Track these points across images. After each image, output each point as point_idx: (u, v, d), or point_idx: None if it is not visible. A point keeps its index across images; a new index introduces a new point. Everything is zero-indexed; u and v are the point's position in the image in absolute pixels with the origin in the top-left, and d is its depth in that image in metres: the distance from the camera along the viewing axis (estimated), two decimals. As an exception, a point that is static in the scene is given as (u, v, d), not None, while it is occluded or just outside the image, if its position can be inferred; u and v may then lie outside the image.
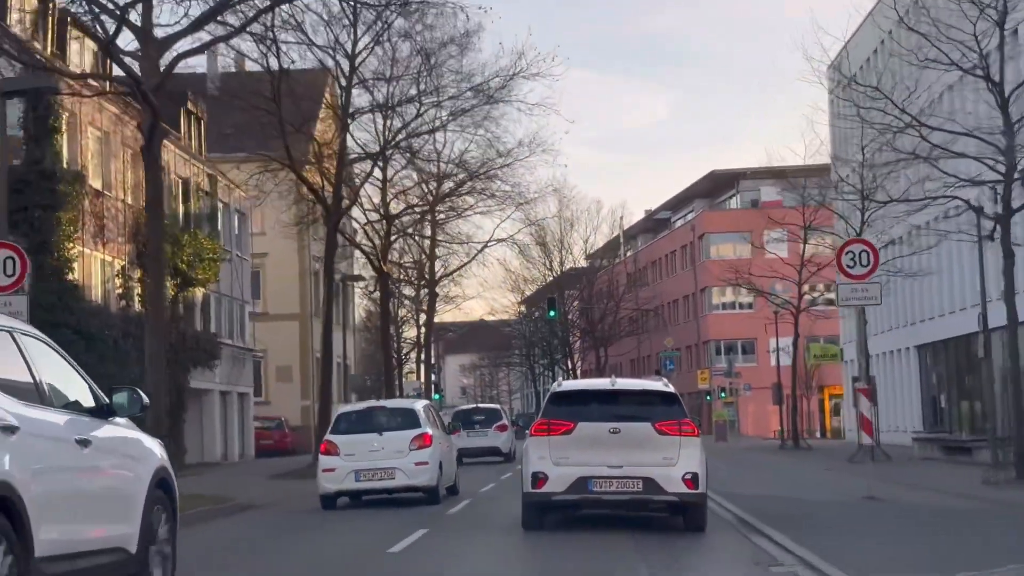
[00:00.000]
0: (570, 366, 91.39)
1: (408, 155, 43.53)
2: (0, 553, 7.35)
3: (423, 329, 78.87)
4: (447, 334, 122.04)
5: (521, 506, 16.37)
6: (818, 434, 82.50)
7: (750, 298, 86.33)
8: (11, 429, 7.68)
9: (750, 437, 73.20)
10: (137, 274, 37.65)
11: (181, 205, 43.35)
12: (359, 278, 47.11)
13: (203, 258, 42.47)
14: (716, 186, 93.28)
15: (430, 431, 22.09)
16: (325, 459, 21.78)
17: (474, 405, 49.60)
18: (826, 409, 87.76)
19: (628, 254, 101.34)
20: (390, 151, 43.06)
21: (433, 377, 71.10)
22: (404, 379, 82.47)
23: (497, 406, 47.99)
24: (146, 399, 9.53)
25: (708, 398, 79.04)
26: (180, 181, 43.47)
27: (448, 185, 48.97)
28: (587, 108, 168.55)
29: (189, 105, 46.23)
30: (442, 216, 54.98)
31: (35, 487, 7.74)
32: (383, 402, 25.33)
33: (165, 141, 40.63)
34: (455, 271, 59.14)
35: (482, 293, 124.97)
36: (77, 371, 9.27)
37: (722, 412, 66.86)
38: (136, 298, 37.67)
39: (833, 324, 62.83)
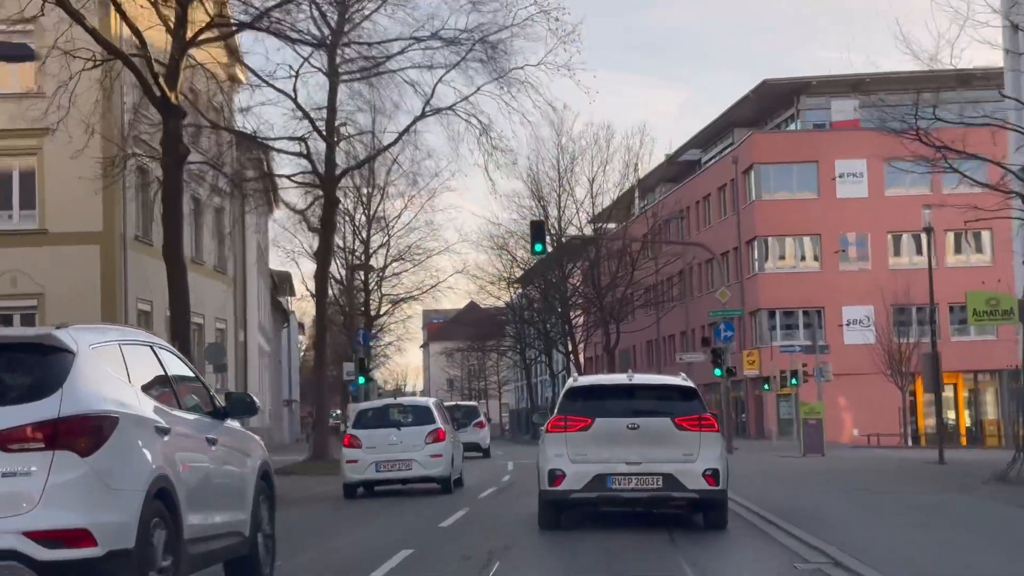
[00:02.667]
0: (570, 348, 68.12)
1: None
2: (163, 536, 8.51)
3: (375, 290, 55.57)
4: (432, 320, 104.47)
5: (537, 504, 16.24)
6: (908, 440, 59.70)
7: (815, 262, 63.28)
8: (165, 431, 8.84)
9: (831, 444, 48.94)
10: None
11: None
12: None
13: None
14: (765, 107, 71.09)
15: (443, 427, 24.03)
16: (348, 451, 23.72)
17: (455, 403, 49.75)
18: (919, 405, 64.46)
19: (645, 207, 77.20)
20: None
21: (357, 353, 45.83)
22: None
23: (475, 403, 53.91)
24: (258, 402, 10.94)
25: (766, 387, 55.93)
26: None
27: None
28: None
29: None
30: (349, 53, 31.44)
31: (183, 479, 8.98)
32: (400, 400, 27.48)
33: None
34: (372, 158, 35.17)
35: (452, 247, 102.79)
36: (198, 377, 10.53)
37: (815, 407, 42.42)
38: None
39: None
